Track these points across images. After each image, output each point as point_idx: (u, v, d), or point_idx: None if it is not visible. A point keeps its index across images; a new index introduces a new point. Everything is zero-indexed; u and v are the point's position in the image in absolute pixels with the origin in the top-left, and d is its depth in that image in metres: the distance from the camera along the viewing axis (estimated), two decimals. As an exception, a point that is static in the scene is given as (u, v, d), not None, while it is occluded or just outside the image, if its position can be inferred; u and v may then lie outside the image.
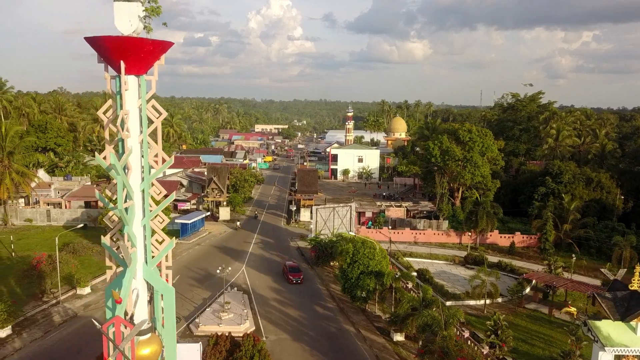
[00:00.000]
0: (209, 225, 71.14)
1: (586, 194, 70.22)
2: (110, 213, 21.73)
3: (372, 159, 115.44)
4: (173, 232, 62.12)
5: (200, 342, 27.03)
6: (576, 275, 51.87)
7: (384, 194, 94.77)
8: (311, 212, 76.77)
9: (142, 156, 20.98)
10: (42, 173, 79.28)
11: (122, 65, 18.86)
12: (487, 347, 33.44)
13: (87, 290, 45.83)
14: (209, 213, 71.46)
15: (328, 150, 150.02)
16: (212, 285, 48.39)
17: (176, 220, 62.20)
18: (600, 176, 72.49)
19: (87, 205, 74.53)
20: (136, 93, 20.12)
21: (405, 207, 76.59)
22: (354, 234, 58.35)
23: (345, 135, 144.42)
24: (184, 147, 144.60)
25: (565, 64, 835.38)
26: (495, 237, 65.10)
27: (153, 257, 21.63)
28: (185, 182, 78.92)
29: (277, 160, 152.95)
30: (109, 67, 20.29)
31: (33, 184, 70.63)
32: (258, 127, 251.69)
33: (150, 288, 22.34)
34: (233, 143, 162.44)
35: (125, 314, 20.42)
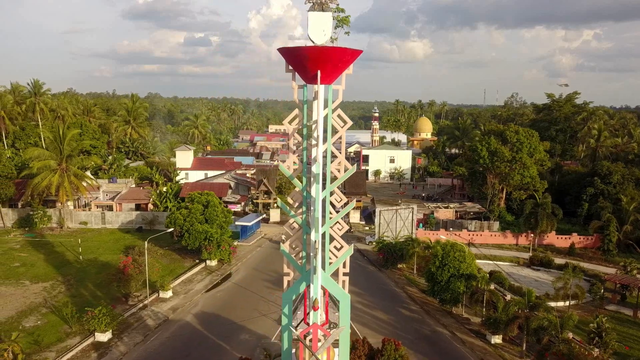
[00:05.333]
0: (262, 227, 71.35)
1: (637, 194, 70.27)
2: (291, 220, 21.98)
3: (403, 160, 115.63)
4: (234, 234, 62.30)
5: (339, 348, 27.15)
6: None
7: (423, 194, 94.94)
8: (360, 213, 77.35)
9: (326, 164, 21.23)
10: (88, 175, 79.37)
11: (319, 74, 19.08)
12: (597, 350, 33.65)
13: (169, 293, 46.04)
14: (264, 215, 71.57)
15: (350, 150, 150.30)
16: (290, 288, 48.57)
17: (236, 223, 62.35)
18: (650, 177, 72.64)
19: (137, 207, 74.76)
20: (323, 102, 20.33)
21: (453, 208, 76.80)
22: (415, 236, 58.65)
23: (372, 136, 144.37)
24: (209, 148, 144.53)
25: (566, 62, 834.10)
26: (552, 238, 65.24)
27: (330, 263, 21.86)
28: (232, 184, 79.10)
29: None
30: (296, 76, 20.55)
31: (84, 184, 70.69)
32: (272, 128, 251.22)
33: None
34: (255, 144, 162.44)
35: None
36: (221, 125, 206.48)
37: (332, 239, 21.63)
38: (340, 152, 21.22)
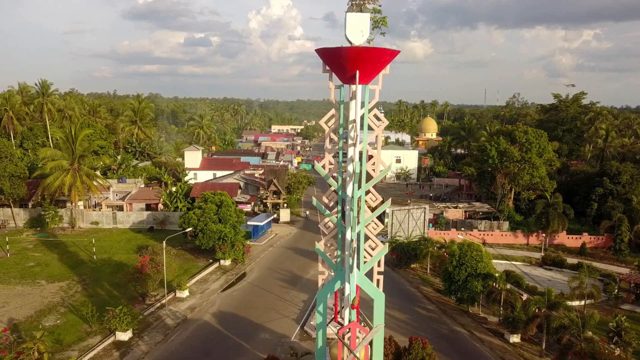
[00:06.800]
0: (272, 227, 71.51)
1: (647, 194, 70.38)
2: (326, 220, 22.13)
3: (410, 160, 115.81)
4: (246, 234, 62.38)
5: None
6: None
7: (431, 195, 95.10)
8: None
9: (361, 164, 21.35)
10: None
11: (357, 75, 19.26)
12: (619, 349, 33.81)
13: (186, 293, 46.19)
14: (275, 215, 71.74)
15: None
16: (305, 287, 48.79)
17: (248, 223, 62.51)
18: (660, 177, 72.72)
19: (148, 207, 74.92)
20: (360, 102, 20.48)
21: (462, 208, 76.97)
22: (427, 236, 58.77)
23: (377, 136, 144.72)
24: (214, 148, 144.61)
25: (566, 62, 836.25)
26: (563, 238, 65.43)
27: (365, 262, 22.00)
28: (241, 184, 79.23)
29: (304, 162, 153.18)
30: (333, 76, 20.72)
31: (95, 184, 70.79)
32: (274, 128, 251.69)
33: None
34: (260, 144, 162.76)
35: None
36: (225, 126, 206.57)
37: (366, 237, 21.77)
38: (376, 152, 21.37)
